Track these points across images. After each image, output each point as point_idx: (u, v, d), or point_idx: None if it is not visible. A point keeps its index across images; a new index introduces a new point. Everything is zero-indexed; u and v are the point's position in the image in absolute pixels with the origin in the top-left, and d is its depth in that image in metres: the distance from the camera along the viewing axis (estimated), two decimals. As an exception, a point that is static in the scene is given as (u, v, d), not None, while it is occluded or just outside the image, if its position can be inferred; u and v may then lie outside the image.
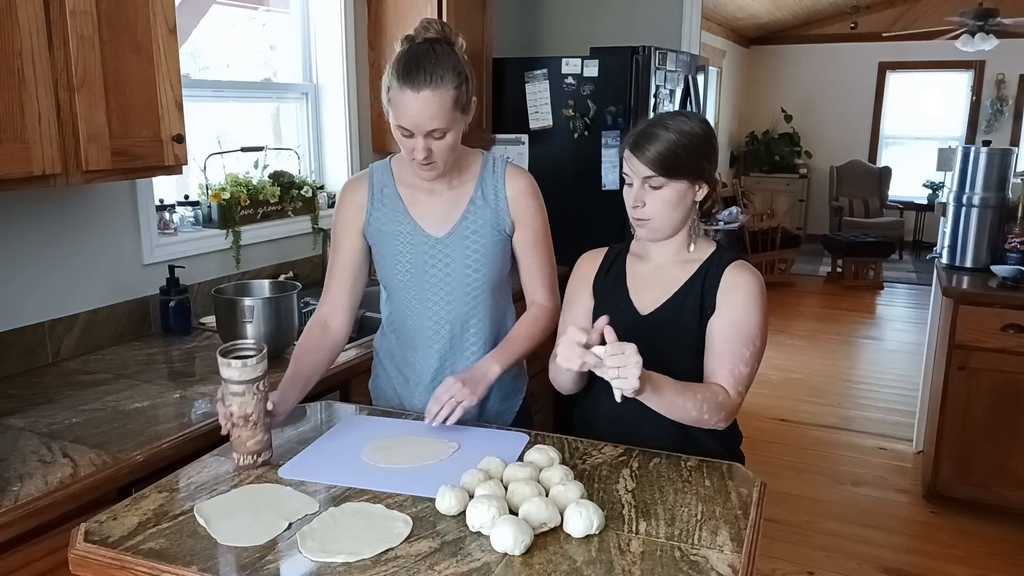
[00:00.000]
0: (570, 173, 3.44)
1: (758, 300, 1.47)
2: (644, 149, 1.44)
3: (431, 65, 1.48)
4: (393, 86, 1.50)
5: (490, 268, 1.68)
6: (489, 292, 1.70)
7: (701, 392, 1.39)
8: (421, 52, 1.50)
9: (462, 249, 1.66)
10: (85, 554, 1.12)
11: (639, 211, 1.48)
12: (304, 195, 2.87)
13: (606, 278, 1.59)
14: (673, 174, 1.44)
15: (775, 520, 3.06)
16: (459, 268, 1.66)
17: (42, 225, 2.01)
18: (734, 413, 1.44)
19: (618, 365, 1.25)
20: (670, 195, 1.46)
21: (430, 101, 1.47)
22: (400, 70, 1.49)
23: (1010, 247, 3.21)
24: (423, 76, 1.47)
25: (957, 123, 9.02)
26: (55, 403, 1.74)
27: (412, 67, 1.48)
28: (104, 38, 1.68)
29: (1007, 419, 2.94)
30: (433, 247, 1.66)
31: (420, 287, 1.68)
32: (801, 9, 8.59)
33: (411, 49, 1.52)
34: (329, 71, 3.02)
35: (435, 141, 1.52)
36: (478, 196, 1.66)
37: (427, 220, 1.67)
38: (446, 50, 1.52)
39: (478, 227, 1.66)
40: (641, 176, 1.46)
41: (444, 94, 1.48)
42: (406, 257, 1.67)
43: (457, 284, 1.67)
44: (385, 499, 1.26)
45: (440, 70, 1.48)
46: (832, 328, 6.07)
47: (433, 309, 1.69)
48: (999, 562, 2.83)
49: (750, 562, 1.12)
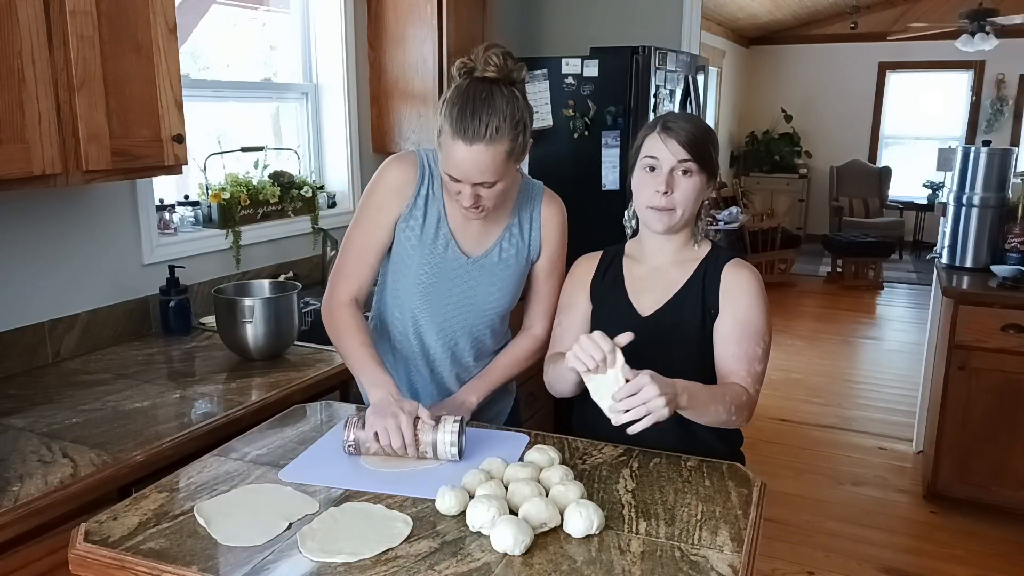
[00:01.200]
0: (570, 173, 3.43)
1: (760, 297, 1.48)
2: (677, 132, 1.43)
3: (487, 115, 1.37)
4: (445, 131, 1.40)
5: (509, 294, 1.64)
6: (499, 317, 1.67)
7: (728, 394, 1.40)
8: (479, 97, 1.38)
9: (490, 275, 1.61)
10: (85, 554, 1.12)
11: (665, 198, 1.45)
12: (304, 195, 2.87)
13: (603, 281, 1.59)
14: (703, 164, 1.46)
15: (775, 520, 3.06)
16: (483, 292, 1.62)
17: (42, 225, 2.01)
18: (753, 410, 1.46)
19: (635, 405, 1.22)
20: (697, 184, 1.46)
21: (482, 156, 1.38)
22: (454, 116, 1.38)
23: (1010, 247, 3.21)
24: (478, 127, 1.36)
25: (957, 123, 9.02)
26: (55, 403, 1.74)
27: (467, 115, 1.37)
28: (104, 38, 1.68)
29: (1007, 419, 2.94)
30: (462, 266, 1.60)
31: (436, 302, 1.61)
32: (801, 9, 8.59)
33: (468, 90, 1.40)
34: (329, 71, 3.02)
35: (484, 189, 1.44)
36: (515, 222, 1.61)
37: (464, 238, 1.59)
38: (506, 95, 1.40)
39: (510, 255, 1.61)
40: (676, 159, 1.44)
41: (498, 148, 1.39)
42: (430, 270, 1.59)
43: (476, 306, 1.62)
44: (385, 499, 1.26)
45: (497, 120, 1.37)
46: (832, 328, 6.07)
47: (443, 327, 1.63)
48: (999, 562, 2.83)
49: (750, 562, 1.12)
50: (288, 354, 2.10)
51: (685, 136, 1.43)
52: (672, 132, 1.44)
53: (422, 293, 1.61)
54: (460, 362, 1.68)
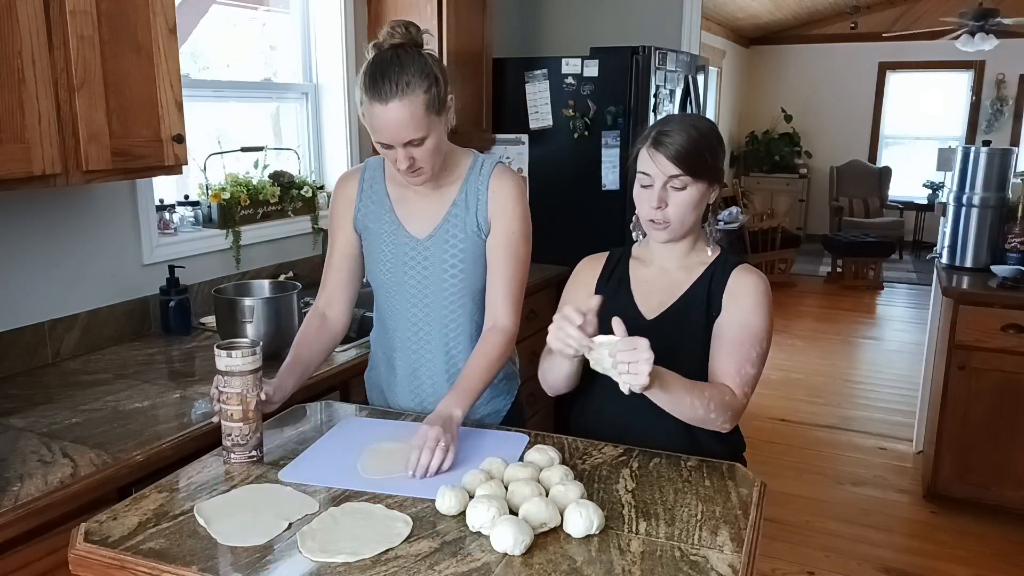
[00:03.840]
0: (570, 173, 3.44)
1: (765, 302, 1.46)
2: (668, 145, 1.41)
3: (396, 73, 1.42)
4: (364, 101, 1.45)
5: (470, 273, 1.64)
6: (469, 298, 1.66)
7: (708, 391, 1.38)
8: (385, 61, 1.44)
9: (441, 252, 1.63)
10: (85, 554, 1.12)
11: (659, 212, 1.44)
12: (304, 195, 2.87)
13: (608, 283, 1.58)
14: (698, 174, 1.42)
15: (775, 520, 3.06)
16: (437, 272, 1.64)
17: (42, 225, 2.01)
18: (739, 414, 1.43)
19: (629, 360, 1.22)
20: (692, 196, 1.43)
21: (400, 111, 1.42)
22: (367, 83, 1.44)
23: (1010, 247, 3.21)
24: (389, 86, 1.42)
25: (957, 123, 9.02)
26: (55, 403, 1.74)
27: (377, 78, 1.43)
28: (104, 38, 1.68)
29: (1007, 419, 2.94)
30: (414, 248, 1.64)
31: (400, 288, 1.67)
32: (801, 9, 8.59)
33: (375, 59, 1.46)
34: (329, 71, 3.02)
35: (415, 148, 1.47)
36: (461, 198, 1.62)
37: (411, 221, 1.65)
38: (411, 54, 1.46)
39: (459, 230, 1.62)
40: (667, 175, 1.42)
41: (414, 101, 1.43)
42: (388, 256, 1.66)
43: (435, 287, 1.64)
44: (385, 499, 1.26)
45: (406, 76, 1.42)
46: (832, 328, 6.07)
47: (412, 311, 1.68)
48: (999, 562, 2.83)
49: (750, 562, 1.12)
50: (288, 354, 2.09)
51: (674, 150, 1.40)
52: (661, 147, 1.41)
53: (386, 282, 1.69)
54: (446, 347, 1.69)
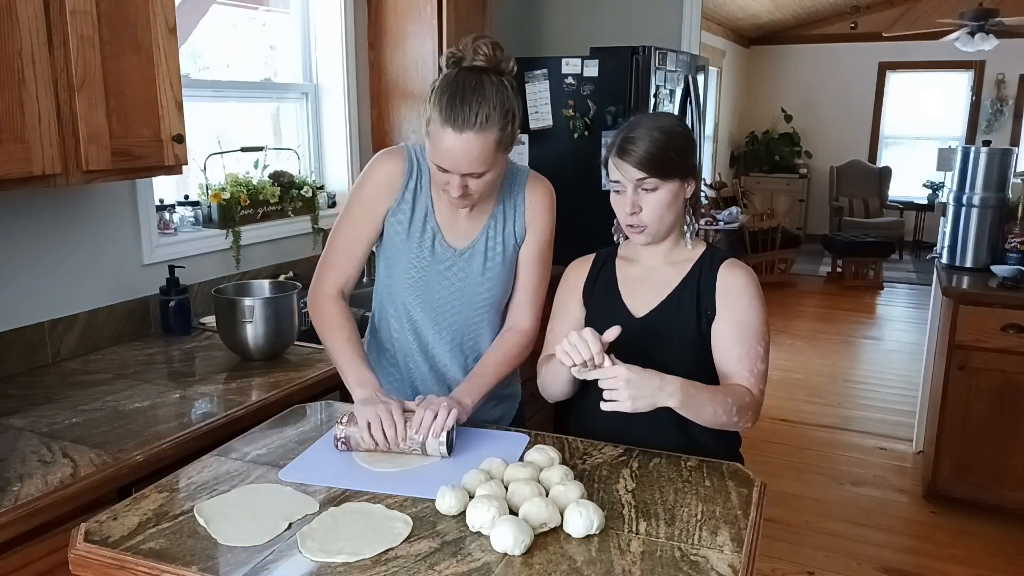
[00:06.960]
0: (570, 173, 3.43)
1: (757, 297, 1.48)
2: (632, 152, 1.41)
3: (477, 103, 1.35)
4: (434, 119, 1.38)
5: (500, 285, 1.63)
6: (495, 310, 1.66)
7: (730, 396, 1.39)
8: (468, 85, 1.37)
9: (478, 266, 1.60)
10: (85, 554, 1.12)
11: (635, 218, 1.45)
12: (304, 195, 2.87)
13: (596, 284, 1.58)
14: (666, 174, 1.43)
15: (775, 520, 3.06)
16: (472, 285, 1.61)
17: (42, 225, 2.01)
18: (759, 412, 1.44)
19: (610, 388, 1.29)
20: (665, 196, 1.44)
21: (471, 144, 1.37)
22: (444, 103, 1.36)
23: (1010, 247, 3.21)
24: (468, 115, 1.35)
25: (957, 123, 9.02)
26: (55, 403, 1.74)
27: (456, 103, 1.36)
28: (104, 38, 1.68)
29: (1007, 419, 2.94)
30: (450, 259, 1.60)
31: (427, 297, 1.62)
32: (801, 9, 8.59)
33: (458, 78, 1.39)
34: (329, 71, 3.02)
35: (473, 180, 1.43)
36: (499, 211, 1.60)
37: (450, 229, 1.59)
38: (496, 84, 1.39)
39: (496, 242, 1.60)
40: (634, 180, 1.43)
41: (487, 137, 1.37)
42: (420, 263, 1.60)
43: (466, 300, 1.62)
44: (385, 499, 1.26)
45: (486, 109, 1.36)
46: (832, 328, 6.07)
47: (436, 320, 1.64)
48: (999, 562, 2.83)
49: (750, 562, 1.12)
50: (288, 354, 2.10)
51: (638, 157, 1.41)
52: (627, 155, 1.42)
53: (413, 287, 1.62)
54: (458, 356, 1.68)
